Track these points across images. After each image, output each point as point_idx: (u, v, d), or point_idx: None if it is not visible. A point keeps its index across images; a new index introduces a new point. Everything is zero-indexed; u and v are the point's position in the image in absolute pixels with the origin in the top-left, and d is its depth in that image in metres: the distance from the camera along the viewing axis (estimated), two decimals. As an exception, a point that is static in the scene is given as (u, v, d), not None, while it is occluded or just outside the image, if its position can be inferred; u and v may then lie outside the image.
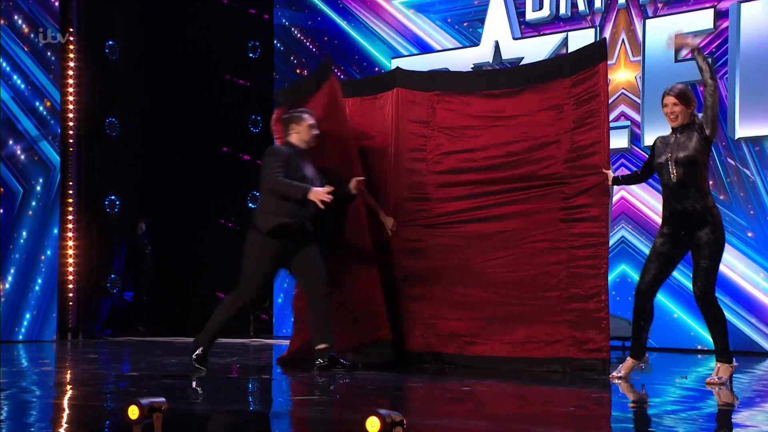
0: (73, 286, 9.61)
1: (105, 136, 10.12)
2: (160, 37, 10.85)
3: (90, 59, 9.86)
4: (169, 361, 6.77)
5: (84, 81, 9.76)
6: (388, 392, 5.00)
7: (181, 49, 10.88)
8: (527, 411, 4.44)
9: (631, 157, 8.52)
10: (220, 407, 4.35)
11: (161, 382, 5.26)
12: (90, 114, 9.88)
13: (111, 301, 10.23)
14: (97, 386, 5.27)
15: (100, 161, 10.00)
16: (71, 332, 9.57)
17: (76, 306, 9.63)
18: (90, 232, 9.83)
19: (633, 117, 8.53)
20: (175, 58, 10.86)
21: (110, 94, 10.20)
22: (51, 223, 9.37)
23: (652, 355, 7.55)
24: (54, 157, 9.45)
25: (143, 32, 10.75)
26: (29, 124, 9.31)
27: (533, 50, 8.98)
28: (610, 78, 8.56)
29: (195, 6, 10.96)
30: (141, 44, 10.74)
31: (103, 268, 10.06)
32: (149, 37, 10.83)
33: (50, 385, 5.45)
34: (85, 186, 9.80)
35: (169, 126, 10.88)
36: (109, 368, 6.74)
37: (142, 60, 10.75)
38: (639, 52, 8.49)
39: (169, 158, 10.87)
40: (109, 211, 10.13)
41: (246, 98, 11.11)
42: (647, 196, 8.40)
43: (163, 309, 10.85)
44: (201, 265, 10.99)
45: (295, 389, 5.37)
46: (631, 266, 8.45)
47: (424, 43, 9.80)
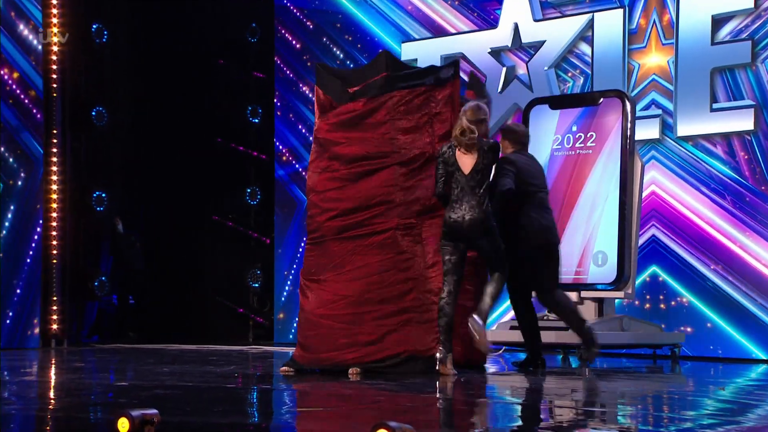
0: (57, 288, 9.61)
1: (92, 126, 10.14)
2: (151, 19, 10.86)
3: (75, 43, 9.86)
4: (161, 370, 6.76)
5: (68, 66, 9.77)
6: (398, 404, 4.98)
7: (173, 33, 10.89)
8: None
9: (663, 148, 8.49)
10: (216, 419, 4.33)
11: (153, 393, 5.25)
12: (75, 102, 9.89)
13: (98, 304, 10.26)
14: (83, 397, 5.27)
15: (86, 154, 10.04)
16: (55, 339, 9.59)
17: (60, 310, 9.63)
18: (76, 230, 9.86)
19: (665, 105, 8.49)
20: (168, 43, 10.86)
21: (97, 81, 10.23)
22: (33, 221, 9.41)
23: (687, 364, 7.52)
24: (36, 149, 9.47)
25: (132, 14, 10.76)
26: (9, 114, 9.31)
27: (556, 33, 8.96)
28: (640, 62, 8.54)
29: (188, -14, 10.98)
30: (130, 27, 10.76)
31: (90, 270, 10.08)
32: (139, 19, 10.83)
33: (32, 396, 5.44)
34: (71, 181, 9.82)
35: (161, 116, 10.88)
36: (97, 377, 6.72)
37: (131, 44, 10.78)
38: (672, 35, 8.45)
39: (161, 150, 10.88)
40: (96, 207, 10.15)
41: (245, 85, 11.11)
42: (680, 191, 8.36)
43: (155, 313, 10.88)
44: (197, 266, 11.02)
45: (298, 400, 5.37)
46: (663, 267, 8.41)
47: (438, 26, 9.76)
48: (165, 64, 10.86)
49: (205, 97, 10.92)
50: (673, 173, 8.41)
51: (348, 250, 6.32)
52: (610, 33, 8.63)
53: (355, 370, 6.17)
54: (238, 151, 11.08)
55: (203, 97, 10.92)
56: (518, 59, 9.31)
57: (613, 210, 7.48)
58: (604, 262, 7.51)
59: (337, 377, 6.08)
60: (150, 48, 10.88)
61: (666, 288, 8.35)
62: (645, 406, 5.07)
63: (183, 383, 5.84)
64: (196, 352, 8.78)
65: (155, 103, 10.86)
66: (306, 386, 5.82)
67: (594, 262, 7.55)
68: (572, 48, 8.97)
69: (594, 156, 7.62)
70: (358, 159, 6.39)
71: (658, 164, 8.46)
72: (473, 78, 7.54)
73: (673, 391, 5.66)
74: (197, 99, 10.90)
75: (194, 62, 10.90)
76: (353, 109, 6.46)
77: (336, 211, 6.36)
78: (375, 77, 6.46)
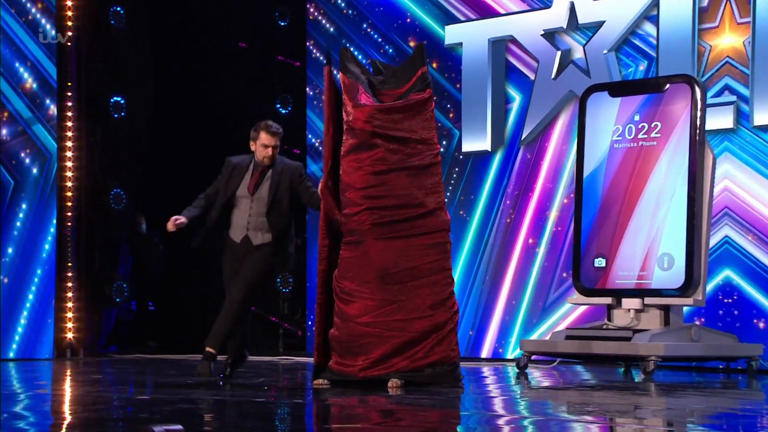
0: (73, 294, 9.69)
1: (109, 118, 10.20)
2: (172, 1, 10.91)
3: (90, 27, 9.92)
4: (185, 382, 6.80)
5: (84, 53, 9.85)
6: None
7: (196, 16, 10.93)
8: None
9: (737, 139, 8.38)
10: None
11: (176, 407, 5.27)
12: (91, 92, 9.96)
13: (116, 311, 10.32)
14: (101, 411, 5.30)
15: (103, 148, 10.08)
16: (70, 349, 9.66)
17: (76, 318, 9.70)
18: (92, 231, 9.92)
19: (739, 91, 8.39)
20: (190, 27, 10.90)
21: (114, 69, 10.28)
22: (47, 221, 9.47)
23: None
24: (50, 143, 9.53)
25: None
26: (21, 105, 9.40)
27: (616, 12, 8.90)
28: (712, 43, 8.43)
29: (212, -36, 11.03)
30: (150, 10, 10.79)
31: (108, 274, 10.14)
32: (160, 1, 10.88)
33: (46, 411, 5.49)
34: (86, 177, 9.89)
35: (182, 106, 10.93)
36: (115, 390, 6.76)
37: (151, 28, 10.80)
38: (748, 12, 8.34)
39: (184, 144, 10.92)
40: (114, 206, 10.20)
41: (274, 73, 11.13)
42: (756, 186, 8.25)
43: (178, 321, 10.92)
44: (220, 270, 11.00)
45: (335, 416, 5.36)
46: (738, 271, 8.30)
47: (485, 6, 9.74)
48: (187, 49, 10.91)
49: (231, 85, 10.95)
50: (749, 166, 8.30)
51: (394, 251, 6.32)
52: (677, 11, 8.54)
53: (395, 383, 6.16)
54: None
55: (229, 85, 10.95)
56: (574, 42, 9.25)
57: (681, 208, 7.42)
58: (671, 265, 7.46)
59: (376, 390, 6.06)
60: (171, 33, 10.93)
61: (741, 294, 8.24)
62: (718, 426, 5.01)
63: (209, 396, 5.87)
64: (221, 363, 8.75)
65: (177, 92, 10.92)
66: (343, 400, 5.81)
67: (659, 266, 7.50)
68: (635, 28, 8.88)
69: (659, 148, 7.56)
70: (404, 152, 6.40)
71: (731, 156, 8.36)
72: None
73: (750, 409, 5.61)
74: (222, 88, 10.94)
75: (219, 48, 10.94)
76: (395, 96, 6.51)
77: (379, 209, 6.36)
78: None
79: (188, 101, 10.93)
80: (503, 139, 9.56)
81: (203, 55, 10.92)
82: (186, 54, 10.93)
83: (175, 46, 10.95)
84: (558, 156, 9.24)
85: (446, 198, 9.67)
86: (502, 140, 9.56)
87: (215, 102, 10.93)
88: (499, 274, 9.46)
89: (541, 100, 9.27)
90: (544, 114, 9.25)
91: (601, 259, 7.73)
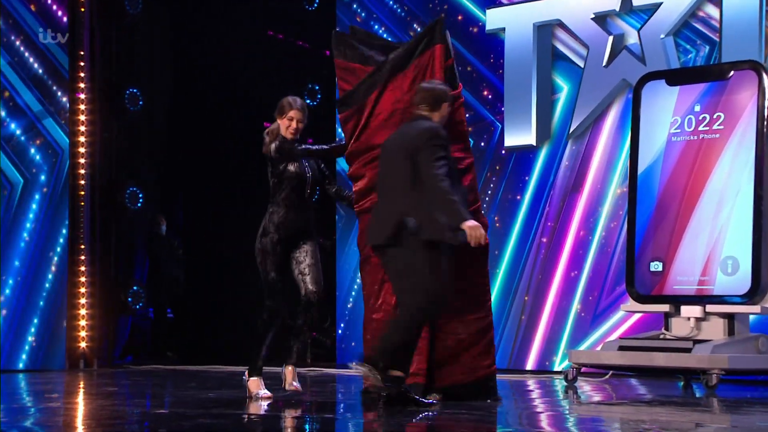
0: (86, 301, 9.71)
1: (125, 111, 10.25)
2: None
3: (105, 14, 9.95)
4: (206, 396, 6.79)
5: (98, 41, 9.87)
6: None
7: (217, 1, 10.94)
8: None
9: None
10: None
11: (197, 422, 5.27)
12: (106, 84, 9.99)
13: (132, 319, 10.38)
14: (116, 426, 5.30)
15: (118, 143, 10.12)
16: (84, 359, 9.69)
17: (89, 326, 9.72)
18: (107, 233, 9.94)
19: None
20: (211, 12, 10.93)
21: (130, 58, 10.33)
22: (58, 223, 9.50)
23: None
24: (62, 138, 9.57)
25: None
26: (30, 97, 9.44)
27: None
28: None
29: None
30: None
31: (124, 279, 10.19)
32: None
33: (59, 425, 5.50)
34: (101, 175, 9.92)
35: (202, 99, 10.97)
36: (131, 404, 6.78)
37: (170, 14, 10.91)
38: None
39: (204, 140, 10.96)
40: (130, 206, 10.25)
41: (301, 62, 11.13)
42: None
43: (198, 329, 10.97)
44: (245, 275, 10.95)
45: None
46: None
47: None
48: (207, 38, 10.92)
49: (255, 76, 10.94)
50: (821, 161, 8.17)
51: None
52: (743, -10, 8.48)
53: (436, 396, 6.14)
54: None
55: (252, 76, 10.95)
56: (628, 26, 9.19)
57: (746, 207, 7.36)
58: (735, 269, 7.41)
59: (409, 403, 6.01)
60: (190, 18, 10.97)
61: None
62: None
63: (231, 412, 5.86)
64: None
65: (196, 84, 10.95)
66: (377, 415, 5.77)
67: (722, 270, 7.44)
68: (695, 11, 8.80)
69: (722, 141, 7.51)
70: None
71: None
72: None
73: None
74: (245, 78, 10.94)
75: (241, 35, 10.93)
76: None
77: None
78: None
79: (210, 93, 10.96)
80: (549, 133, 9.50)
81: (226, 43, 10.93)
82: (208, 42, 10.97)
83: (196, 33, 10.99)
84: (609, 151, 9.18)
85: (486, 196, 9.66)
86: (549, 134, 9.50)
87: (239, 94, 10.94)
88: (545, 279, 9.38)
89: (591, 90, 9.21)
90: (594, 105, 9.20)
91: (657, 262, 7.69)
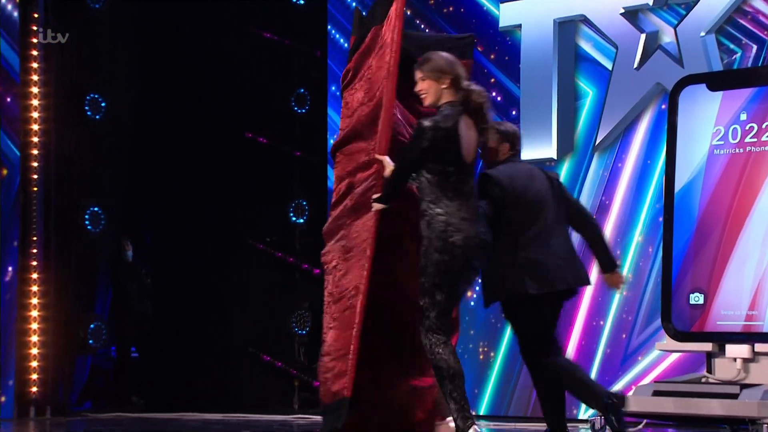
0: (38, 339, 9.68)
1: (85, 119, 10.25)
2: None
3: (63, 8, 9.95)
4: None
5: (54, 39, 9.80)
6: None
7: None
8: None
9: None
10: None
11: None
12: (64, 88, 9.98)
13: (92, 360, 10.29)
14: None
15: (78, 156, 10.11)
16: (35, 406, 9.67)
17: (42, 368, 9.68)
18: (63, 259, 9.92)
19: None
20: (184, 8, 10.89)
21: (92, 60, 10.33)
22: (7, 246, 9.51)
23: None
24: (11, 150, 9.56)
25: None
26: (-26, 103, 9.47)
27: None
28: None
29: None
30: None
31: (82, 313, 10.13)
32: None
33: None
34: (57, 193, 9.92)
35: (175, 105, 10.96)
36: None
37: (137, 9, 10.89)
38: None
39: (176, 151, 10.95)
40: (90, 228, 10.23)
41: (288, 63, 11.10)
42: None
43: (168, 371, 10.92)
44: (224, 307, 11.10)
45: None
46: None
47: (550, -21, 9.73)
48: (179, 37, 10.95)
49: (234, 79, 10.96)
50: None
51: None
52: (797, -20, 8.55)
53: None
54: (279, 151, 11.05)
55: (231, 79, 10.96)
56: (663, 22, 9.15)
57: (802, 230, 7.34)
58: (789, 302, 7.41)
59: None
60: (162, 14, 10.97)
61: None
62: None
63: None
64: (222, 423, 8.90)
65: (166, 88, 10.97)
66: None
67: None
68: (741, 4, 8.75)
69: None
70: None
71: None
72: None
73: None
74: (223, 82, 10.96)
75: (219, 32, 10.92)
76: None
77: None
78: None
79: (185, 99, 10.98)
80: (572, 145, 9.50)
81: (203, 42, 10.94)
82: (181, 40, 11.01)
83: (168, 30, 11.04)
84: (642, 165, 9.15)
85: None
86: (571, 146, 9.50)
87: (218, 99, 10.98)
88: (568, 313, 9.22)
89: (620, 96, 9.20)
90: (624, 113, 9.18)
91: (698, 294, 7.62)
